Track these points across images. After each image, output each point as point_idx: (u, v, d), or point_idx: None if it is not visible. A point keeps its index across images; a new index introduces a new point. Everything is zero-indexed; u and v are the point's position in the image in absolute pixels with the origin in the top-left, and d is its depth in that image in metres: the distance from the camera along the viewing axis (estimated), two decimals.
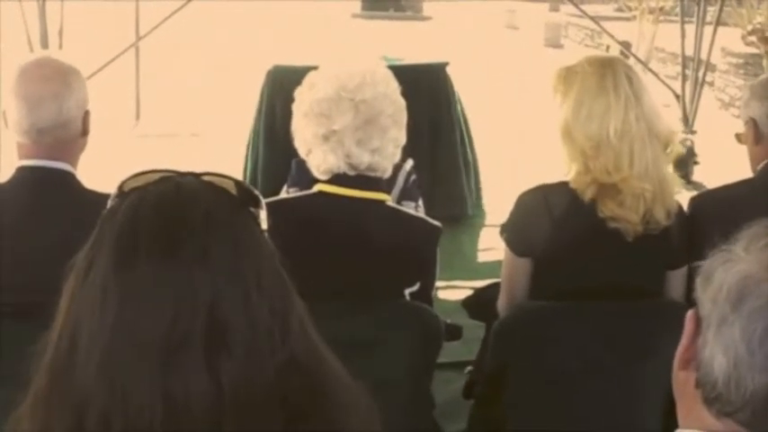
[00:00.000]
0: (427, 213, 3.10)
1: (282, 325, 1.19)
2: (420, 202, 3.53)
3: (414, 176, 3.60)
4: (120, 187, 1.24)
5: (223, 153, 6.80)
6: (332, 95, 2.70)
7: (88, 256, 1.18)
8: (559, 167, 2.87)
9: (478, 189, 7.14)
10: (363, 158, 2.70)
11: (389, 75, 2.82)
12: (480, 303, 3.31)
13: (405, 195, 3.52)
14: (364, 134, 2.69)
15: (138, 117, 10.78)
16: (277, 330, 1.18)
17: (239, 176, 1.31)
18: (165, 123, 10.64)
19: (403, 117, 2.81)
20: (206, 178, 1.24)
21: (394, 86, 2.80)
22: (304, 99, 2.77)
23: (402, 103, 2.81)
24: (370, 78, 2.73)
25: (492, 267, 3.14)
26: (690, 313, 1.26)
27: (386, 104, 2.73)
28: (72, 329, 1.16)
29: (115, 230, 1.17)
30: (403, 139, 2.82)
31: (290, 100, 2.86)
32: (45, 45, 7.19)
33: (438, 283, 2.92)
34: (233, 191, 1.25)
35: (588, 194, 2.76)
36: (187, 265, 1.15)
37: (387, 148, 2.74)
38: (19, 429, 1.20)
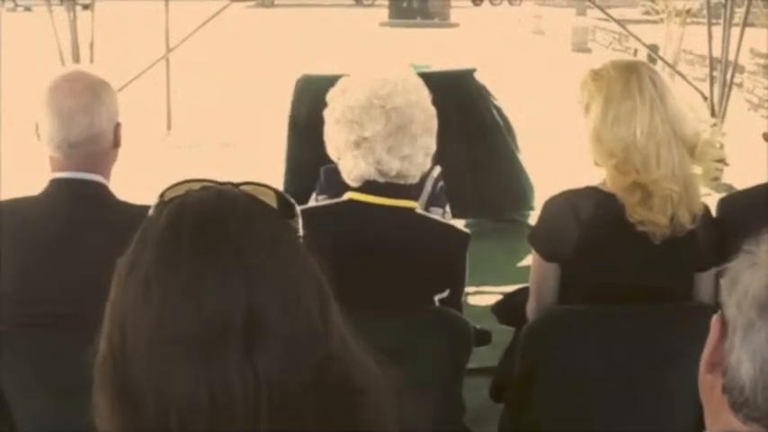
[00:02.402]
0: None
1: (321, 324, 1.22)
2: (447, 209, 3.54)
3: (441, 183, 3.60)
4: (162, 196, 1.28)
5: (254, 162, 6.85)
6: (363, 102, 2.72)
7: (131, 257, 1.23)
8: (589, 171, 2.88)
9: (531, 190, 7.08)
10: (393, 165, 2.72)
11: (420, 83, 2.84)
12: (509, 308, 3.32)
13: (432, 202, 3.52)
14: (395, 141, 2.71)
15: (169, 128, 10.87)
16: (316, 329, 1.22)
17: (273, 184, 1.36)
18: (197, 134, 10.71)
19: (433, 125, 2.82)
20: (244, 187, 1.29)
21: (425, 95, 2.82)
22: (336, 105, 2.79)
23: (433, 111, 2.82)
24: (401, 86, 2.75)
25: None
26: (715, 317, 1.25)
27: (417, 112, 2.75)
28: (119, 327, 1.20)
29: (158, 231, 1.22)
30: (433, 147, 2.83)
31: (318, 108, 2.88)
32: (76, 58, 7.26)
33: (467, 289, 2.93)
34: (271, 199, 1.29)
35: (618, 198, 2.77)
36: (225, 264, 1.18)
37: (417, 156, 2.76)
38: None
